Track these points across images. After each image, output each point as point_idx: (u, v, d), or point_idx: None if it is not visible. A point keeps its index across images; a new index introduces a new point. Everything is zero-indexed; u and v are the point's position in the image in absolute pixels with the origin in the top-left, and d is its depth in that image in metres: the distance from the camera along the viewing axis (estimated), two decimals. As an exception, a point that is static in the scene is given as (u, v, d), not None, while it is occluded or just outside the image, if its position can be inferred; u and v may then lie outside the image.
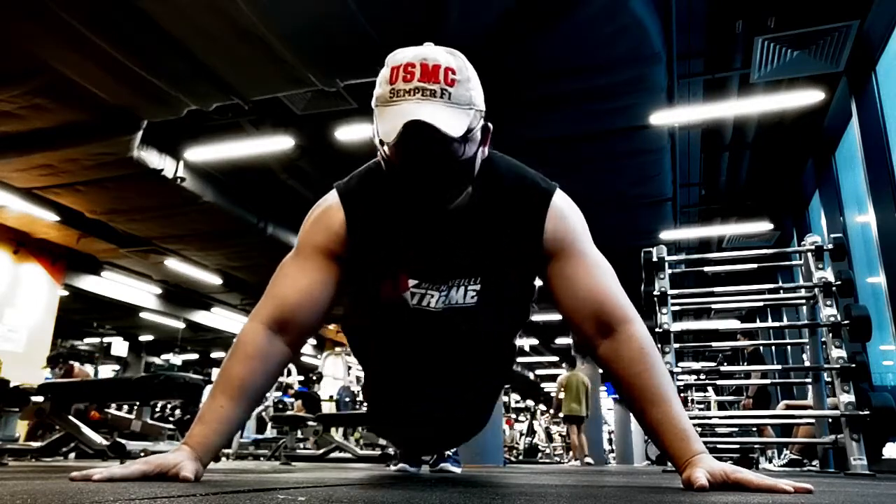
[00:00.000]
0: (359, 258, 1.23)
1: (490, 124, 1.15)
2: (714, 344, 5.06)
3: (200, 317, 13.31)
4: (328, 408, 9.45)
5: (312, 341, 16.59)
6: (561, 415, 8.97)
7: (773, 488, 0.96)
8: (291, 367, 10.80)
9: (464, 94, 1.05)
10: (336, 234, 1.21)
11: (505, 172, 1.23)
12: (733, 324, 10.70)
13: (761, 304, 5.47)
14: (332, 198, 1.26)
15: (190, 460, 1.04)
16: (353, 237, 1.21)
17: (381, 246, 1.21)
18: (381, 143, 1.07)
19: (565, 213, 1.21)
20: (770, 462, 5.77)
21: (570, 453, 9.96)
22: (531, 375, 21.20)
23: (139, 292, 11.41)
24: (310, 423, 5.75)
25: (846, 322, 3.29)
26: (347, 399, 9.14)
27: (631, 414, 1.18)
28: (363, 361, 1.57)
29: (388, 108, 1.02)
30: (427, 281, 1.23)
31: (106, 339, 16.33)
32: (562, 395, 8.70)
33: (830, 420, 3.50)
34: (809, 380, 3.96)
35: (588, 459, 8.63)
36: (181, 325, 13.80)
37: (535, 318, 13.38)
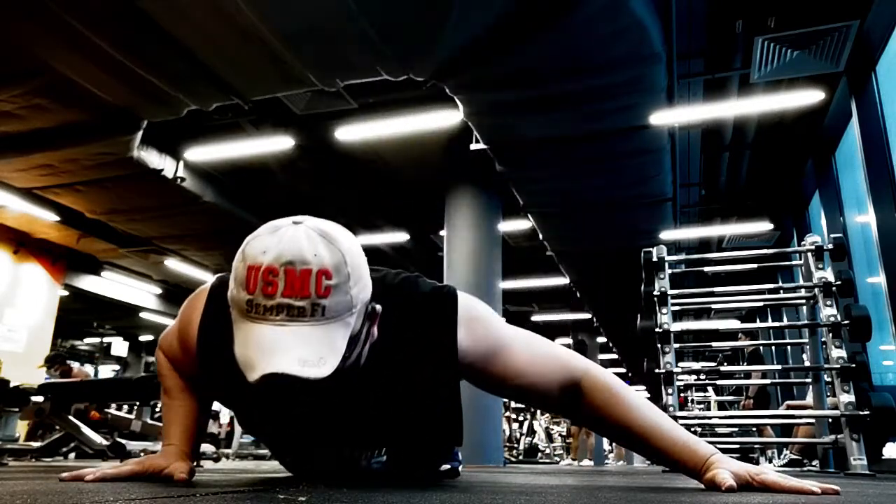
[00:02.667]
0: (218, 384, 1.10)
1: (377, 307, 0.94)
2: (714, 344, 5.05)
3: (200, 317, 13.30)
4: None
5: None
6: None
7: (800, 489, 0.95)
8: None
9: (342, 300, 0.83)
10: (191, 345, 1.10)
11: (394, 310, 1.00)
12: (733, 324, 10.70)
13: (761, 304, 5.46)
14: (200, 301, 1.11)
15: (181, 461, 1.05)
16: (205, 361, 1.08)
17: (239, 400, 1.07)
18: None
19: (474, 321, 1.06)
20: (770, 462, 5.77)
21: (572, 454, 9.94)
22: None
23: (139, 292, 11.41)
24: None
25: (846, 322, 3.29)
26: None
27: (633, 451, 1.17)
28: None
29: (244, 326, 0.82)
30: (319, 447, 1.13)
31: (106, 339, 16.33)
32: None
33: (830, 420, 3.50)
34: (809, 380, 3.96)
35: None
36: (181, 325, 13.78)
37: (535, 318, 13.39)
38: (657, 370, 3.61)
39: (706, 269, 4.63)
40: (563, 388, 1.09)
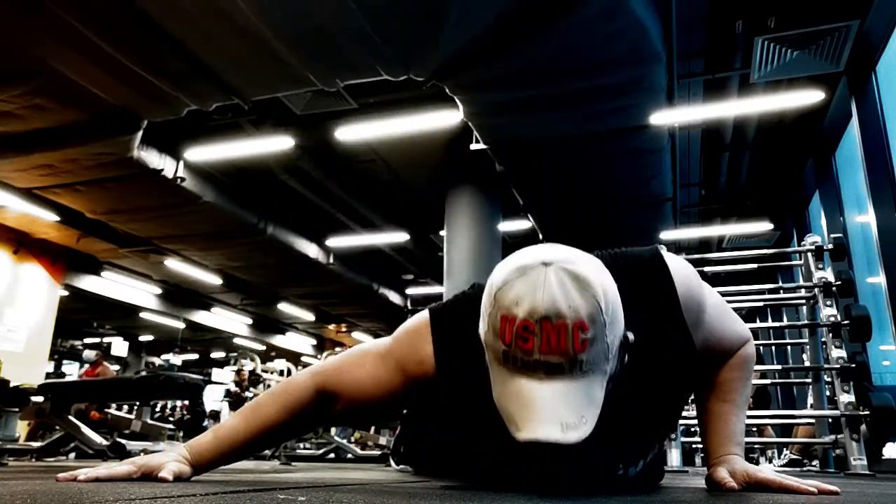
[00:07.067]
0: (451, 414, 1.11)
1: (630, 336, 0.88)
2: (714, 344, 5.03)
3: (200, 317, 13.31)
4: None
5: (312, 341, 16.58)
6: None
7: (799, 489, 0.96)
8: (291, 367, 10.81)
9: (599, 349, 0.79)
10: (422, 366, 1.06)
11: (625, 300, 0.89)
12: (733, 324, 10.69)
13: (761, 304, 5.46)
14: (424, 320, 1.09)
15: (175, 462, 1.03)
16: (441, 384, 1.05)
17: (486, 429, 0.95)
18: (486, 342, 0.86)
19: (688, 286, 1.02)
20: (770, 462, 5.77)
21: None
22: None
23: (139, 292, 11.40)
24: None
25: (846, 322, 3.29)
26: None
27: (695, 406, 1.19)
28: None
29: (502, 373, 0.82)
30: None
31: (106, 339, 16.32)
32: None
33: (830, 420, 3.50)
34: (809, 380, 3.96)
35: None
36: (181, 325, 13.79)
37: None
38: (657, 370, 3.60)
39: (706, 269, 4.61)
40: (725, 355, 1.12)
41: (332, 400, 1.10)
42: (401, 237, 9.10)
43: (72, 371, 15.21)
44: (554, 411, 0.77)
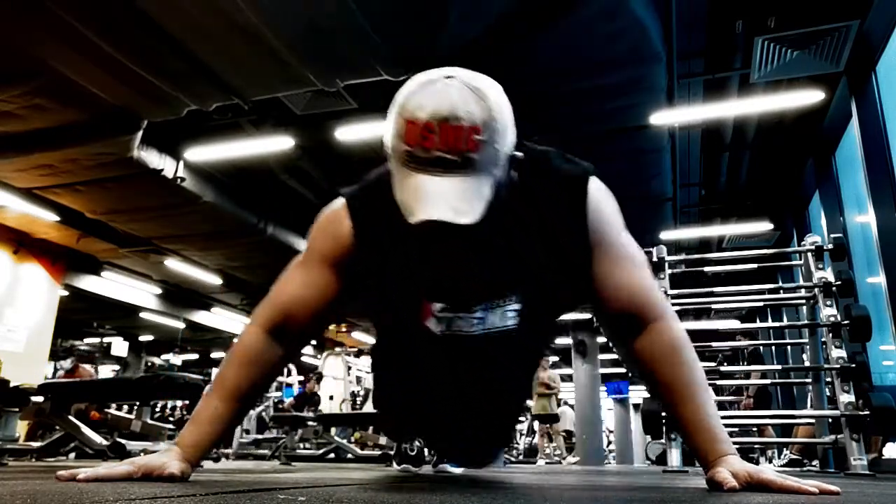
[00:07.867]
0: (370, 275, 1.17)
1: (519, 154, 1.03)
2: (714, 344, 5.04)
3: (200, 317, 13.30)
4: (328, 408, 9.47)
5: (313, 341, 16.59)
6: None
7: (798, 489, 0.96)
8: (291, 366, 10.82)
9: (489, 153, 0.92)
10: (342, 245, 1.15)
11: (535, 167, 1.09)
12: (733, 324, 10.70)
13: (761, 304, 5.47)
14: (338, 204, 1.20)
15: (176, 460, 1.04)
16: (362, 250, 1.14)
17: (395, 266, 1.13)
18: (390, 155, 0.98)
19: (603, 203, 1.12)
20: (770, 462, 5.77)
21: (542, 453, 9.94)
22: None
23: (139, 292, 11.40)
24: (310, 423, 5.76)
25: (846, 322, 3.29)
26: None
27: (665, 412, 1.19)
28: (386, 382, 1.45)
29: (404, 173, 0.93)
30: (455, 305, 1.14)
31: (106, 339, 16.32)
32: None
33: (830, 420, 3.50)
34: (809, 380, 3.96)
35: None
36: (181, 325, 13.79)
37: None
38: (657, 370, 3.60)
39: (706, 269, 4.62)
40: (636, 315, 1.12)
41: (282, 330, 1.18)
42: (401, 237, 9.09)
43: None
44: (447, 199, 0.89)
